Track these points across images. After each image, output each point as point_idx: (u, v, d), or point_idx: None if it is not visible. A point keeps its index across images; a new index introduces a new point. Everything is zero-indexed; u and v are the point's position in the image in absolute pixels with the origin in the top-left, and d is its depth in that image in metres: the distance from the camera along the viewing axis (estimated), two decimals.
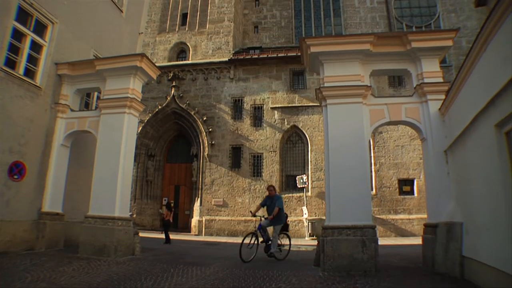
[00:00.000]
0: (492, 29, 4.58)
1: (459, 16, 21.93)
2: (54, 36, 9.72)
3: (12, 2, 8.42)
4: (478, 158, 5.43)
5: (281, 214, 8.99)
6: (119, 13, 13.08)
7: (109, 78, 9.79)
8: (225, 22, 22.24)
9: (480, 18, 20.35)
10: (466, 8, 21.75)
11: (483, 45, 4.91)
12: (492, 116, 4.64)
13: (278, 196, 9.30)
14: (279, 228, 9.06)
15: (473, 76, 5.42)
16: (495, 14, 4.45)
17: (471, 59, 5.33)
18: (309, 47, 8.40)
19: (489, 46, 4.76)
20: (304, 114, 19.36)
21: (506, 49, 4.25)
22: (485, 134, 4.95)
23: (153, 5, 23.09)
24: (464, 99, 5.90)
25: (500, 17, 4.37)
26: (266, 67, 20.59)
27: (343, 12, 23.55)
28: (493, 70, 4.67)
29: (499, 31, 4.44)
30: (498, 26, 4.44)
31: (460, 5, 22.22)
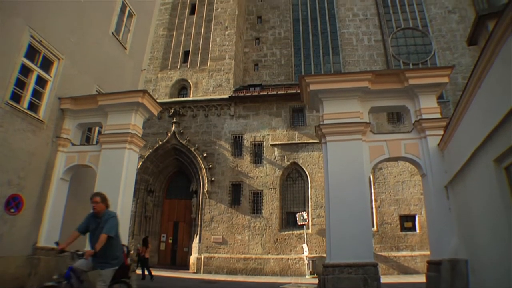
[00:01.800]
0: (484, 67, 4.72)
1: (453, 54, 22.53)
2: (59, 72, 9.92)
3: (23, 40, 8.69)
4: (479, 193, 5.41)
5: (112, 247, 5.10)
6: (122, 50, 13.39)
7: (111, 114, 9.90)
8: (226, 60, 22.70)
9: (474, 55, 20.87)
10: (459, 46, 22.40)
11: (477, 82, 5.02)
12: (491, 151, 4.67)
13: (109, 214, 5.23)
14: (110, 274, 5.05)
15: (470, 112, 5.50)
16: (485, 54, 4.60)
17: (467, 95, 5.43)
18: (308, 85, 8.57)
19: (483, 83, 4.87)
20: (304, 151, 19.42)
21: (499, 86, 4.36)
22: (484, 169, 4.96)
23: (156, 43, 23.66)
24: (462, 134, 5.95)
25: (490, 56, 4.53)
26: (266, 104, 20.82)
27: (342, 50, 24.12)
28: (488, 105, 4.75)
29: (491, 69, 4.58)
30: (489, 64, 4.58)
31: (454, 43, 22.92)
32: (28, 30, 8.76)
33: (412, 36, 24.36)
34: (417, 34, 24.37)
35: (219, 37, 23.56)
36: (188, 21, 24.91)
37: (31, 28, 8.85)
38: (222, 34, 23.63)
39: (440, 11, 24.40)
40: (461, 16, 23.85)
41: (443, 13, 24.26)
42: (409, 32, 24.56)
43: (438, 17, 24.24)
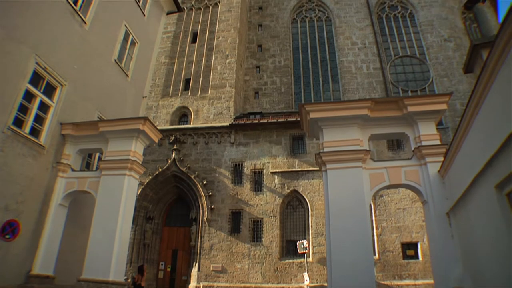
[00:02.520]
0: (481, 95, 4.78)
1: (451, 80, 22.87)
2: (61, 97, 10.03)
3: (29, 67, 8.86)
4: (481, 220, 5.34)
5: None
6: (124, 77, 13.57)
7: (112, 140, 9.93)
8: (227, 88, 22.94)
9: (470, 82, 21.18)
10: (456, 73, 22.77)
11: (475, 109, 5.06)
12: (492, 177, 4.64)
13: None
14: None
15: (469, 138, 5.51)
16: (481, 82, 4.68)
17: (466, 122, 5.46)
18: (308, 113, 8.62)
19: (480, 110, 4.91)
20: (304, 178, 19.35)
21: (496, 112, 4.40)
22: (486, 195, 4.93)
23: (158, 70, 23.97)
24: (462, 160, 5.95)
25: (486, 84, 4.60)
26: (266, 132, 20.90)
27: (341, 78, 24.44)
28: (487, 132, 4.77)
29: (488, 96, 4.64)
30: (486, 92, 4.65)
31: (451, 70, 23.33)
32: (34, 57, 8.95)
33: (410, 64, 24.79)
34: (415, 62, 24.80)
35: (220, 65, 23.89)
36: (190, 49, 25.33)
37: (37, 55, 9.03)
38: (223, 63, 23.98)
39: (437, 39, 24.94)
40: (456, 44, 24.37)
41: (439, 41, 24.78)
42: (407, 60, 25.00)
43: (434, 45, 24.75)
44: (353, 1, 27.92)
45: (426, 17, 26.29)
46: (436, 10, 26.40)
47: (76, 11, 10.61)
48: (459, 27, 25.75)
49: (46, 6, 9.57)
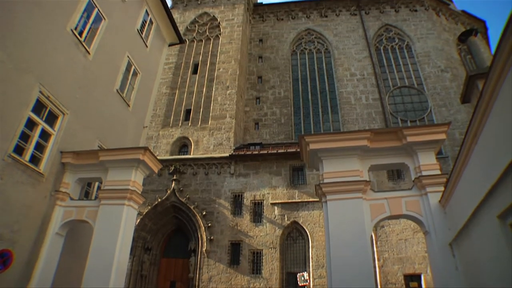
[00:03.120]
0: (479, 125, 4.82)
1: (449, 110, 23.12)
2: (63, 126, 10.08)
3: (32, 95, 8.96)
4: (486, 251, 5.24)
5: None
6: (126, 106, 13.69)
7: (111, 169, 9.90)
8: (227, 119, 23.10)
9: (468, 111, 21.39)
10: (454, 103, 23.06)
11: (473, 138, 5.08)
12: (494, 207, 4.59)
13: None
14: None
15: (469, 168, 5.50)
16: (478, 112, 4.72)
17: (465, 151, 5.47)
18: (308, 144, 8.65)
19: (479, 139, 4.93)
20: (304, 209, 19.21)
21: (494, 142, 4.42)
22: (489, 226, 4.85)
23: (159, 101, 24.22)
24: (463, 190, 5.92)
25: (483, 114, 4.65)
26: (266, 163, 20.91)
27: (341, 109, 24.67)
28: (486, 161, 4.77)
29: (485, 126, 4.67)
30: (483, 122, 4.69)
31: (449, 100, 23.64)
32: (38, 86, 9.07)
33: (409, 94, 25.13)
34: (413, 92, 25.16)
35: (220, 96, 24.16)
36: (191, 80, 25.70)
37: (41, 84, 9.16)
38: (223, 93, 24.26)
39: (434, 70, 25.42)
40: (453, 74, 24.83)
41: (436, 72, 25.25)
42: (406, 90, 25.35)
43: (432, 75, 25.19)
44: (352, 34, 28.62)
45: (422, 49, 26.89)
46: (432, 42, 27.04)
47: (80, 41, 10.84)
48: (455, 58, 26.31)
49: (53, 37, 9.77)
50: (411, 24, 28.67)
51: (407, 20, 28.95)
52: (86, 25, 11.35)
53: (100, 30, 12.03)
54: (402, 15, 29.38)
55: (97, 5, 11.80)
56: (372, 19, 29.45)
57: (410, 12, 29.37)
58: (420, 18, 28.90)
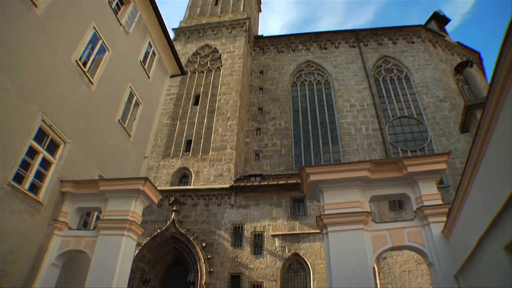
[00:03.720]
0: (478, 154, 4.83)
1: (449, 139, 23.22)
2: (64, 155, 10.09)
3: (35, 124, 9.01)
4: (493, 283, 5.08)
5: None
6: (127, 137, 13.75)
7: (111, 199, 9.85)
8: (228, 150, 23.13)
9: (468, 140, 21.47)
10: (454, 132, 23.18)
11: (474, 168, 5.08)
12: (499, 238, 4.51)
13: None
14: None
15: (470, 198, 5.47)
16: (477, 142, 4.75)
17: (466, 181, 5.45)
18: (308, 175, 8.65)
19: (480, 169, 4.93)
20: (305, 241, 18.95)
21: (495, 172, 4.42)
22: (495, 257, 4.74)
23: (160, 131, 24.34)
24: (466, 220, 5.85)
25: (482, 144, 4.66)
26: (266, 194, 20.78)
27: (341, 140, 24.76)
28: (488, 191, 4.74)
29: (485, 156, 4.68)
30: (482, 151, 4.70)
31: (448, 129, 23.81)
32: (41, 115, 9.14)
33: (408, 124, 25.31)
34: (413, 122, 25.35)
35: (221, 127, 24.28)
36: (192, 111, 25.90)
37: (44, 113, 9.23)
38: (224, 125, 24.39)
39: (432, 100, 25.72)
40: (451, 104, 25.11)
41: (435, 102, 25.54)
42: (405, 120, 25.55)
43: (431, 105, 25.46)
44: (351, 65, 29.11)
45: (421, 79, 27.31)
46: (429, 73, 27.49)
47: (84, 72, 11.02)
48: (452, 88, 26.67)
49: (58, 66, 9.95)
50: (409, 55, 29.24)
51: (405, 52, 29.54)
52: (91, 56, 11.59)
53: (104, 61, 12.26)
54: (400, 46, 30.01)
55: (102, 37, 12.07)
56: (370, 51, 30.06)
57: (407, 44, 30.02)
58: (417, 49, 29.52)
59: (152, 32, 16.08)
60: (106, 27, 12.45)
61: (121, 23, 13.50)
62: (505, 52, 3.88)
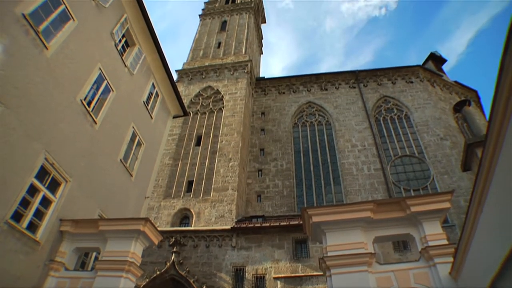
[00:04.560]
0: (482, 193, 4.79)
1: (451, 177, 23.11)
2: (64, 193, 10.00)
3: (37, 162, 9.00)
4: None
5: None
6: (128, 176, 13.72)
7: (110, 239, 9.68)
8: (229, 191, 23.01)
9: (471, 178, 21.37)
10: (456, 170, 23.08)
11: (478, 207, 5.02)
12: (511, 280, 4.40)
13: None
14: None
15: (477, 237, 5.35)
16: (480, 180, 4.71)
17: (471, 220, 5.37)
18: (310, 217, 8.57)
19: (484, 207, 4.86)
20: (308, 284, 18.45)
21: (500, 210, 4.35)
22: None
23: (161, 171, 24.32)
24: (475, 261, 5.70)
25: (484, 182, 4.63)
26: (268, 235, 20.48)
27: (343, 180, 24.67)
28: (495, 230, 4.66)
29: (489, 194, 4.63)
30: (486, 190, 4.66)
31: (450, 167, 23.80)
32: (44, 153, 9.15)
33: (410, 163, 25.32)
34: (415, 161, 25.36)
35: (222, 168, 24.28)
36: (194, 151, 26.01)
37: (47, 151, 9.25)
38: (226, 166, 24.40)
39: (433, 138, 25.87)
40: (452, 142, 25.22)
41: (436, 140, 25.67)
42: (407, 159, 25.56)
43: (432, 144, 25.56)
44: (351, 106, 29.50)
45: (421, 118, 27.59)
46: (429, 111, 27.81)
47: (89, 112, 11.15)
48: (453, 126, 26.86)
49: (63, 105, 10.07)
50: (408, 95, 29.71)
51: (404, 91, 30.03)
52: (95, 96, 11.77)
53: (108, 101, 12.44)
54: (399, 86, 30.55)
55: (107, 78, 12.32)
56: (370, 91, 30.58)
57: (406, 84, 30.58)
58: (416, 89, 30.03)
59: (156, 74, 16.42)
60: (111, 68, 12.74)
61: (126, 65, 13.82)
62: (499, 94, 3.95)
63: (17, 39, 8.52)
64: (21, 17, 8.66)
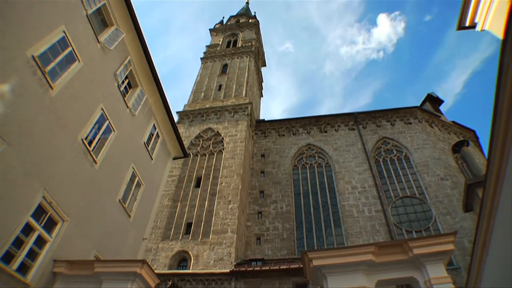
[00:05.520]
0: (486, 234, 4.72)
1: (454, 218, 22.80)
2: (61, 233, 9.78)
3: (35, 200, 8.86)
4: None
5: None
6: (127, 217, 13.55)
7: (106, 281, 9.43)
8: (228, 234, 22.67)
9: (474, 218, 20.90)
10: (458, 210, 22.80)
11: (483, 249, 4.96)
12: None
13: None
14: None
15: (485, 280, 5.25)
16: (483, 221, 4.66)
17: (477, 263, 5.29)
18: (311, 260, 8.46)
19: (490, 250, 4.80)
20: None
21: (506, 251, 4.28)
22: None
23: (160, 213, 24.05)
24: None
25: (488, 223, 4.57)
26: (268, 279, 20.01)
27: (343, 222, 24.36)
28: (504, 272, 4.56)
29: (493, 235, 4.56)
30: (490, 231, 4.60)
31: (452, 208, 23.55)
32: (42, 191, 9.04)
33: (411, 204, 25.11)
34: (416, 202, 25.15)
35: (222, 211, 24.04)
36: (193, 193, 25.84)
37: (45, 189, 9.14)
38: (225, 208, 24.18)
39: (433, 178, 25.77)
40: (453, 182, 25.11)
41: (436, 181, 25.55)
42: (408, 200, 25.36)
43: (432, 184, 25.42)
44: (351, 147, 29.63)
45: (420, 159, 27.63)
46: (429, 152, 27.90)
47: (89, 151, 11.17)
48: (452, 166, 26.82)
49: (65, 144, 10.10)
50: (407, 136, 29.92)
51: (403, 132, 30.28)
52: (97, 135, 11.83)
53: (109, 141, 12.49)
54: (398, 127, 30.84)
55: (109, 118, 12.44)
56: (369, 133, 30.82)
57: (405, 125, 30.89)
58: (415, 130, 30.29)
59: (157, 115, 16.60)
60: (113, 109, 12.89)
61: (128, 105, 14.00)
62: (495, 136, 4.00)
63: (25, 79, 8.71)
64: (31, 59, 8.90)
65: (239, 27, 48.34)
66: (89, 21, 11.70)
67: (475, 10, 9.05)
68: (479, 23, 9.09)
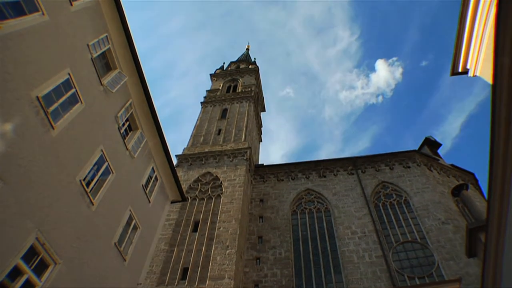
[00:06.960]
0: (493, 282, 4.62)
1: (458, 263, 22.08)
2: (51, 277, 9.32)
3: (27, 241, 8.52)
4: None
5: None
6: (121, 261, 13.23)
7: None
8: (225, 280, 22.05)
9: (479, 264, 20.29)
10: (462, 256, 22.09)
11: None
12: None
13: None
14: None
15: None
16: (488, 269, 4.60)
17: None
18: None
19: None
20: None
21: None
22: None
23: (156, 257, 23.48)
24: None
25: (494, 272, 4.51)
26: None
27: (343, 269, 23.71)
28: None
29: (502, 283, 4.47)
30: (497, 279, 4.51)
31: (455, 252, 22.88)
32: (35, 232, 8.81)
33: (413, 249, 24.55)
34: (417, 247, 24.61)
35: (219, 256, 23.51)
36: (190, 238, 25.37)
37: (39, 230, 8.92)
38: (222, 253, 23.67)
39: (434, 222, 25.35)
40: (455, 226, 24.69)
41: (437, 225, 25.12)
42: (409, 245, 24.84)
43: (433, 228, 24.99)
44: (350, 192, 29.44)
45: (420, 203, 27.35)
46: (428, 195, 27.66)
47: (87, 192, 11.09)
48: (453, 210, 26.53)
49: (62, 184, 10.04)
50: (407, 179, 29.81)
51: (402, 176, 30.19)
52: (95, 176, 11.81)
53: (107, 182, 12.45)
54: (397, 171, 30.80)
55: (108, 160, 12.47)
56: (369, 177, 30.75)
57: (404, 169, 30.86)
58: (414, 173, 30.21)
59: (156, 158, 16.66)
60: (113, 151, 12.96)
61: (127, 148, 14.08)
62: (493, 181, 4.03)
63: (28, 119, 8.85)
64: (35, 99, 9.08)
65: (239, 72, 49.49)
66: (93, 64, 12.04)
67: (466, 58, 9.36)
68: (471, 69, 9.38)
